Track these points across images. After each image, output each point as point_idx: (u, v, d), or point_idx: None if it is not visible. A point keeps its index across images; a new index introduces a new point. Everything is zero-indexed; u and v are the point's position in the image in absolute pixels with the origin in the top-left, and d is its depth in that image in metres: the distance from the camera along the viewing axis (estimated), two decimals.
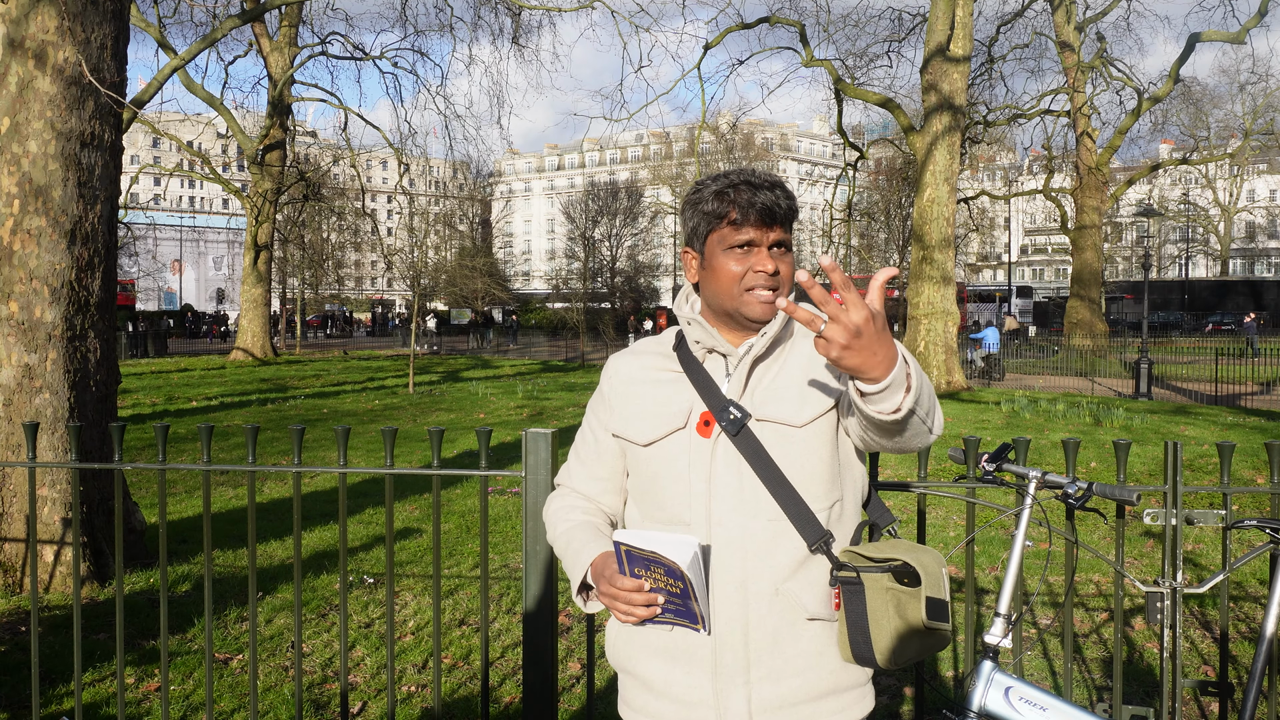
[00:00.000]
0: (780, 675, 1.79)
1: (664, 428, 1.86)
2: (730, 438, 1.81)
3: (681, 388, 1.88)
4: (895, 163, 43.40)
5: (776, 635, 1.79)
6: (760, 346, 1.84)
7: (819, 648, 1.81)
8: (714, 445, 1.82)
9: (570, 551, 1.91)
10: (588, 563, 1.86)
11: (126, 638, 4.93)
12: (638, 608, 1.74)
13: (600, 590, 1.79)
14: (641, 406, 1.90)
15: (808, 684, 1.80)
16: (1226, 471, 2.70)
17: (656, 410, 1.88)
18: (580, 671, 4.59)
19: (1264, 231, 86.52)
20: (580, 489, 2.03)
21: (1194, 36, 28.72)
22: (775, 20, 24.61)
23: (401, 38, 53.44)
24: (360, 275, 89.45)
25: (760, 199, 1.80)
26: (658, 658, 1.84)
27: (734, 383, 1.84)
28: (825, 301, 1.45)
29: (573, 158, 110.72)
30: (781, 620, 1.79)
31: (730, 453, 1.81)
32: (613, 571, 1.77)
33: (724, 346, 1.85)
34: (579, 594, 1.89)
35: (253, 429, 3.00)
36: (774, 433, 1.81)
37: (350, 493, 8.83)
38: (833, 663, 1.82)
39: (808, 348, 1.87)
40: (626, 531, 1.73)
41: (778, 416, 1.82)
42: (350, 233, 53.36)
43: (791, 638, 1.79)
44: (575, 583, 1.88)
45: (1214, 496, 8.28)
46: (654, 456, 1.86)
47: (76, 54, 5.76)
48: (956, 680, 4.41)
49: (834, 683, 1.82)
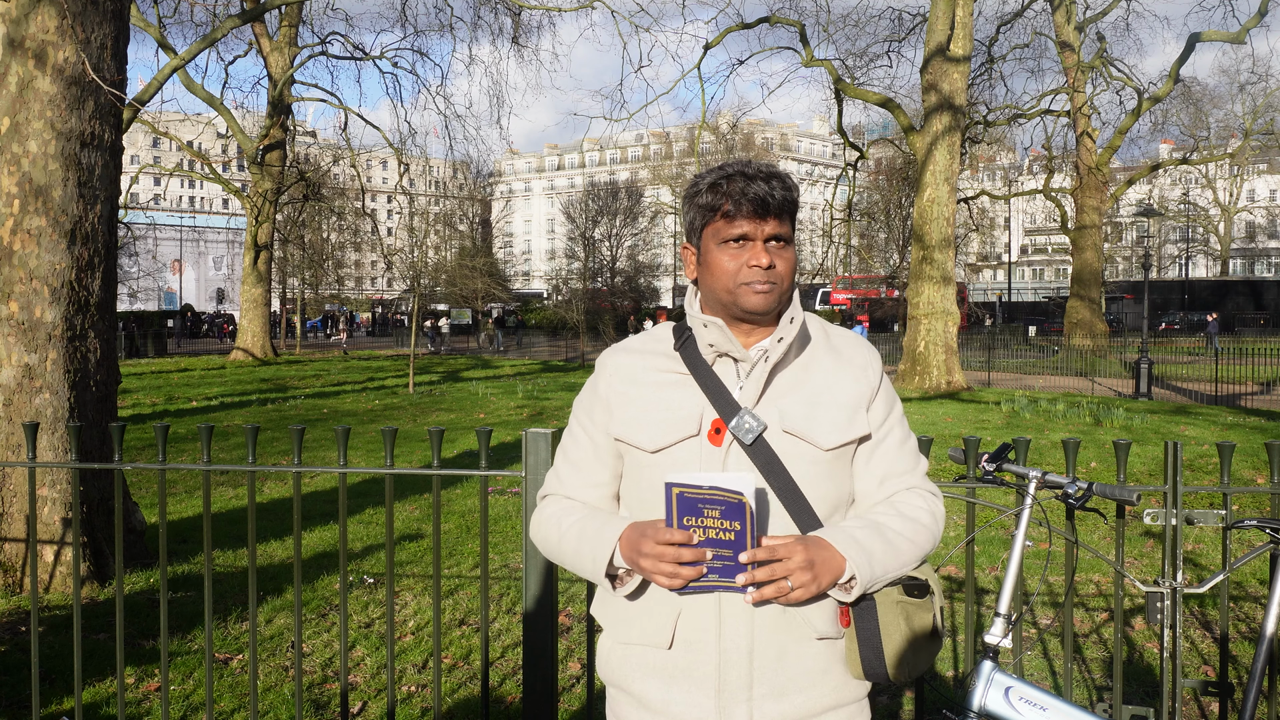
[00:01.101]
0: (783, 692, 1.75)
1: (674, 434, 1.77)
2: (744, 447, 1.75)
3: (689, 392, 1.79)
4: (895, 163, 43.38)
5: (782, 653, 1.75)
6: (777, 353, 1.79)
7: (823, 665, 1.77)
8: (725, 454, 1.75)
9: (588, 535, 1.79)
10: (614, 538, 1.74)
11: (127, 638, 4.93)
12: (684, 567, 1.63)
13: (642, 554, 1.67)
14: (645, 410, 1.80)
15: (810, 700, 1.76)
16: (1226, 471, 2.70)
17: (664, 415, 1.78)
18: (580, 671, 4.59)
19: (1264, 231, 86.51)
20: (577, 496, 1.90)
21: (1194, 36, 28.73)
22: (775, 20, 24.62)
23: (401, 38, 53.66)
24: (360, 275, 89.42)
25: (753, 189, 1.73)
26: (655, 677, 1.78)
27: (749, 389, 1.78)
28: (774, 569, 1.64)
29: (573, 158, 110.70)
30: (788, 638, 1.75)
31: (743, 463, 1.75)
32: (655, 530, 1.66)
33: (738, 351, 1.78)
34: (606, 578, 1.77)
35: (253, 429, 3.00)
36: (795, 448, 1.76)
37: (350, 493, 8.83)
38: (835, 679, 1.79)
39: (829, 364, 1.84)
40: (679, 473, 1.64)
41: (805, 434, 1.76)
42: (350, 233, 53.31)
43: (796, 655, 1.75)
44: (602, 564, 1.75)
45: (1214, 496, 8.28)
46: (660, 464, 1.77)
47: (77, 54, 5.76)
48: (956, 680, 4.41)
49: (835, 698, 1.79)
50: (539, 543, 1.92)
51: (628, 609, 1.81)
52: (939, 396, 19.49)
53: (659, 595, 1.77)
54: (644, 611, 1.79)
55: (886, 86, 31.39)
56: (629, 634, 1.81)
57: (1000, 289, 78.56)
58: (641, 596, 1.79)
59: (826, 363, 1.84)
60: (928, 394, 19.93)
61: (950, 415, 15.78)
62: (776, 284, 1.77)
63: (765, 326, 1.82)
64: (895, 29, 29.23)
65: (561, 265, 72.87)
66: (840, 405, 1.81)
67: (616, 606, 1.84)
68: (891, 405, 1.89)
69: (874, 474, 1.85)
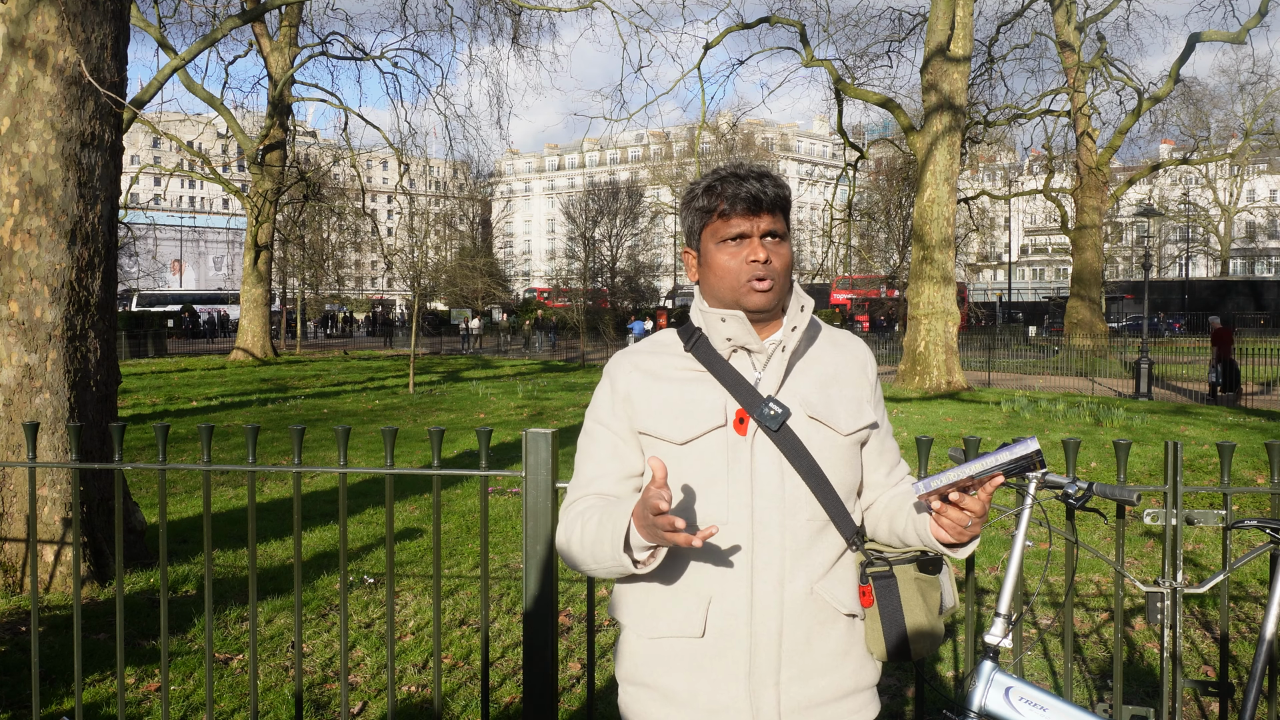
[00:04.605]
0: (808, 675, 1.79)
1: (702, 425, 1.80)
2: (770, 434, 1.79)
3: (709, 386, 1.83)
4: (895, 163, 43.39)
5: (809, 635, 1.79)
6: (793, 341, 1.85)
7: (844, 647, 1.83)
8: (751, 443, 1.79)
9: (605, 522, 1.74)
10: (628, 513, 1.70)
11: (127, 638, 4.93)
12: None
13: (652, 522, 1.61)
14: (669, 404, 1.83)
15: (833, 683, 1.81)
16: (1226, 471, 2.70)
17: (688, 409, 1.81)
18: (580, 671, 4.59)
19: (1264, 231, 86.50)
20: (610, 491, 1.86)
21: (1194, 36, 28.72)
22: (775, 20, 24.62)
23: (401, 38, 53.43)
24: (360, 275, 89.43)
25: (746, 188, 1.80)
26: (684, 668, 1.80)
27: (769, 378, 1.83)
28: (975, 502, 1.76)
29: (573, 158, 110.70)
30: (814, 620, 1.80)
31: (769, 450, 1.79)
32: (649, 492, 1.61)
33: (755, 343, 1.83)
34: (644, 551, 1.70)
35: (253, 429, 3.00)
36: (817, 432, 1.82)
37: (350, 493, 8.83)
38: (855, 662, 1.85)
39: (834, 355, 1.92)
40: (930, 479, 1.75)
41: (828, 419, 1.83)
42: (350, 233, 53.32)
43: (821, 637, 1.80)
44: (620, 541, 1.69)
45: (1214, 496, 8.28)
46: (686, 455, 1.80)
47: (77, 54, 5.76)
48: (956, 680, 4.41)
49: (855, 682, 1.85)
50: (567, 550, 1.85)
51: (655, 602, 1.83)
52: (939, 396, 19.49)
53: (688, 583, 1.80)
54: (673, 602, 1.81)
55: (886, 86, 31.45)
56: (657, 627, 1.82)
57: (1000, 289, 78.56)
58: (668, 585, 1.82)
59: (831, 354, 1.92)
60: (928, 394, 19.93)
61: (950, 415, 15.78)
62: (774, 279, 1.82)
63: (768, 322, 1.87)
64: (895, 29, 29.27)
65: (561, 265, 72.88)
66: (849, 395, 1.89)
67: (642, 601, 1.85)
68: (881, 399, 2.00)
69: (885, 463, 1.95)
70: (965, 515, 1.73)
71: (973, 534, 1.77)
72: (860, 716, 1.85)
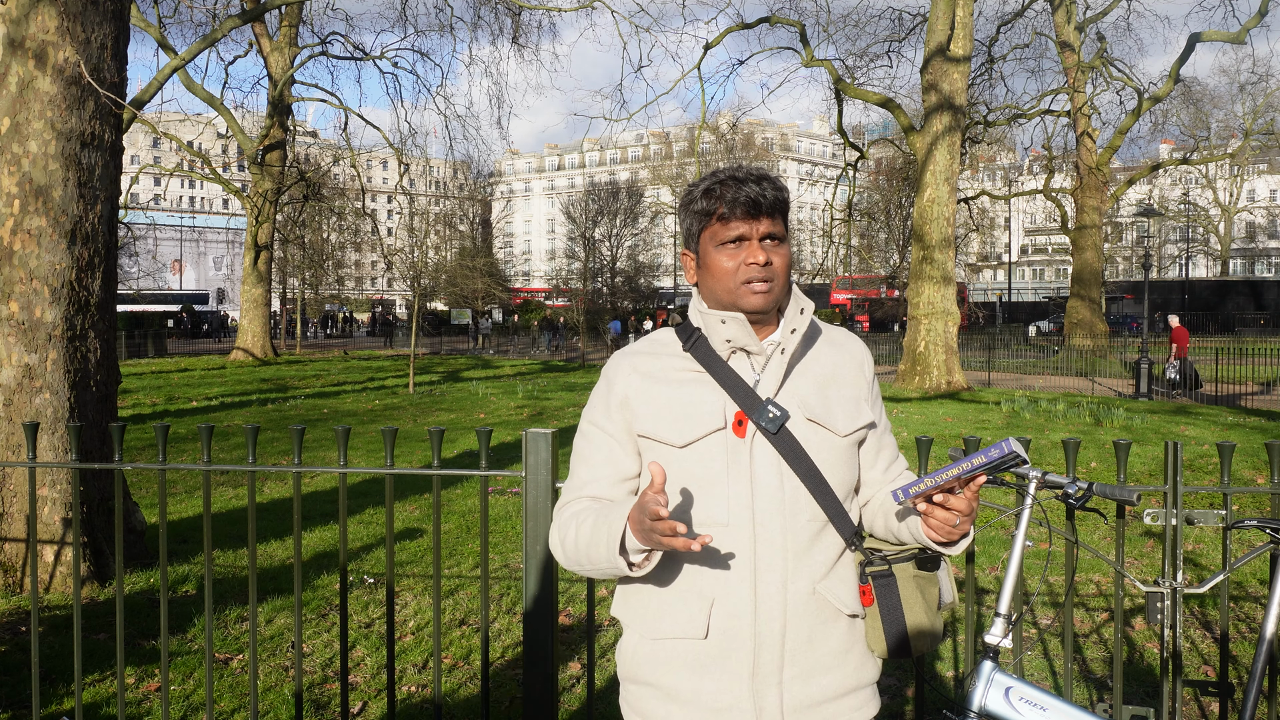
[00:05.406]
0: (811, 674, 1.80)
1: (702, 428, 1.80)
2: (768, 437, 1.79)
3: (708, 388, 1.83)
4: (895, 163, 43.42)
5: (811, 635, 1.80)
6: (792, 344, 1.85)
7: (846, 645, 1.84)
8: (750, 445, 1.80)
9: (600, 525, 1.75)
10: (623, 517, 1.70)
11: (127, 638, 4.93)
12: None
13: (649, 527, 1.62)
14: (668, 406, 1.83)
15: (835, 682, 1.83)
16: (1227, 471, 2.70)
17: (687, 411, 1.81)
18: (580, 671, 4.59)
19: (1264, 231, 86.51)
20: (604, 495, 1.87)
21: (1194, 36, 28.72)
22: (775, 20, 24.62)
23: (401, 38, 53.38)
24: (360, 275, 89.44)
25: (745, 192, 1.80)
26: (688, 668, 1.80)
27: (767, 381, 1.83)
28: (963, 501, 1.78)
29: (573, 158, 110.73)
30: (817, 620, 1.81)
31: (768, 452, 1.80)
32: (646, 496, 1.63)
33: (755, 345, 1.83)
34: (639, 554, 1.72)
35: (253, 429, 3.00)
36: (815, 434, 1.83)
37: (350, 493, 8.83)
38: (856, 659, 1.86)
39: (832, 356, 1.92)
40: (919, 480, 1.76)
41: (826, 421, 1.84)
42: (350, 233, 53.39)
43: (823, 636, 1.82)
44: (615, 544, 1.71)
45: (1214, 496, 8.28)
46: (686, 458, 1.80)
47: (76, 54, 5.76)
48: (956, 680, 4.41)
49: (855, 680, 1.86)
50: (560, 551, 1.87)
51: (658, 603, 1.83)
52: (939, 396, 19.49)
53: (691, 585, 1.80)
54: (676, 603, 1.81)
55: (886, 86, 31.45)
56: (660, 628, 1.83)
57: (1000, 289, 78.57)
58: (670, 587, 1.82)
59: (829, 354, 1.92)
60: (928, 394, 19.93)
61: (950, 415, 15.78)
62: (773, 281, 1.82)
63: (766, 324, 1.87)
64: (895, 29, 29.27)
65: (561, 265, 72.91)
66: (846, 395, 1.90)
67: (645, 602, 1.85)
68: (879, 396, 2.01)
69: (883, 460, 1.96)
70: (952, 515, 1.74)
71: (963, 532, 1.78)
72: (861, 713, 1.86)
